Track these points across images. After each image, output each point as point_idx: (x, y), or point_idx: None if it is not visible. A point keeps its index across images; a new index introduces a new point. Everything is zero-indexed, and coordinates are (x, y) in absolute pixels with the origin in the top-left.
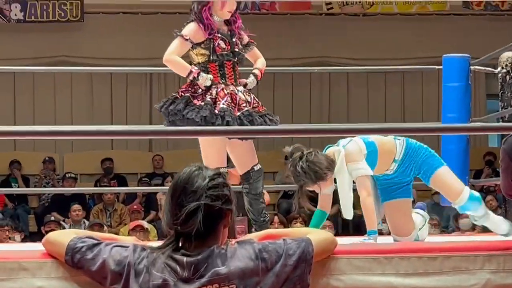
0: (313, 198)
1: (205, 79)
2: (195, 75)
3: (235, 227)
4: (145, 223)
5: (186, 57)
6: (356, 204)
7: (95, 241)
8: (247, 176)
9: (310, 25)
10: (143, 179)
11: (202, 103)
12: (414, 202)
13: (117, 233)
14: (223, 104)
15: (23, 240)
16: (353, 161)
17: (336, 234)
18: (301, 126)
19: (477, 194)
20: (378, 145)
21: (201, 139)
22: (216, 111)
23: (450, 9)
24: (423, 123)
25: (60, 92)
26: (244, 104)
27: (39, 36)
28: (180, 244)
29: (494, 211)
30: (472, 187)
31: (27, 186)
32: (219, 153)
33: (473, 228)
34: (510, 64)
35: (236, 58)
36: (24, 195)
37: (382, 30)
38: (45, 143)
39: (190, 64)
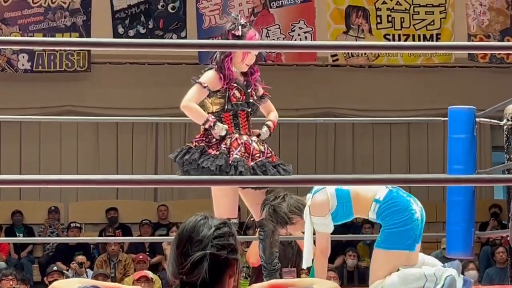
0: None
1: (220, 129)
2: (211, 124)
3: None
4: (150, 273)
5: (201, 106)
6: (362, 256)
7: None
8: (262, 223)
9: (316, 76)
10: (144, 221)
11: (217, 153)
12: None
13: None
14: (236, 154)
15: None
16: (317, 215)
17: (342, 285)
18: (309, 176)
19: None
20: (352, 194)
21: (213, 188)
22: (230, 161)
23: (455, 62)
24: (429, 174)
25: (66, 142)
26: (258, 154)
27: (46, 86)
28: None
29: (503, 263)
30: (478, 239)
31: (32, 235)
32: (230, 203)
33: (479, 280)
34: None
35: (250, 109)
36: (29, 245)
37: (388, 81)
38: (50, 192)
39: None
